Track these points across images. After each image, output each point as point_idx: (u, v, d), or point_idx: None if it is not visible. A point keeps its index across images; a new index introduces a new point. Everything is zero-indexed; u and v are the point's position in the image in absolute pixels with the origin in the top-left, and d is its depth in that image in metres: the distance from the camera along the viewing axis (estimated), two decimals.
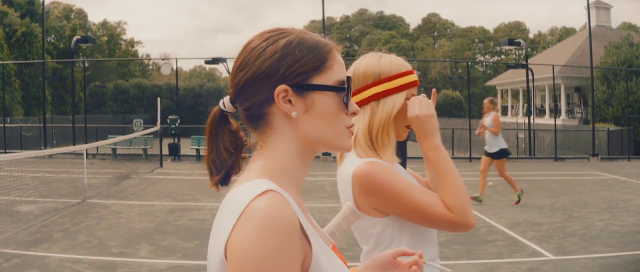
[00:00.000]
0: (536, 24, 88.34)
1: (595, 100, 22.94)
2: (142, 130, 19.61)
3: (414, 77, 1.66)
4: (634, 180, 13.45)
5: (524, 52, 24.20)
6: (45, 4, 23.04)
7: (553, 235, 7.44)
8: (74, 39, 20.87)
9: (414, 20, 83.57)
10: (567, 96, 31.85)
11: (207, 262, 0.93)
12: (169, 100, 30.90)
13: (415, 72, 1.70)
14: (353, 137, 1.62)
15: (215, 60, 20.22)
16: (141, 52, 58.51)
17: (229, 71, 1.21)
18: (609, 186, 12.38)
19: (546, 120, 28.63)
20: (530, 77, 21.87)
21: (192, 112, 32.24)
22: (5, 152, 14.66)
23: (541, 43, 53.63)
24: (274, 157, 0.97)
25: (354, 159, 1.60)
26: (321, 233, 1.01)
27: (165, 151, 17.07)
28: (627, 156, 20.15)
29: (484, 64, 55.42)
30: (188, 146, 18.77)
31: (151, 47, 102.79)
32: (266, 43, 0.97)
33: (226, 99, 1.00)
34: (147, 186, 12.05)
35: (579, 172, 15.52)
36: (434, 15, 59.37)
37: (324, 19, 20.05)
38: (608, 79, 26.23)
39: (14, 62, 31.19)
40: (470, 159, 18.23)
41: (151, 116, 26.48)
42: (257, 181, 0.90)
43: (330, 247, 1.00)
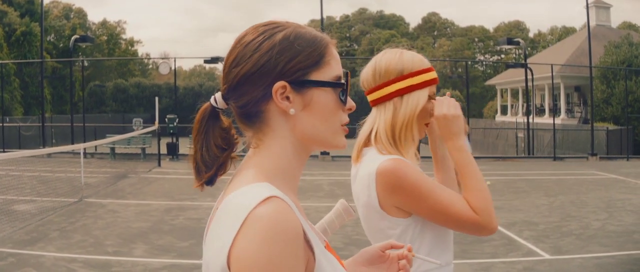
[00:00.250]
0: (536, 23, 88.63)
1: (594, 99, 22.95)
2: (141, 130, 19.61)
3: (435, 74, 1.61)
4: (632, 179, 13.44)
5: (524, 51, 24.19)
6: (45, 3, 23.07)
7: (549, 234, 7.43)
8: (72, 39, 20.88)
9: (413, 20, 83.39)
10: (567, 96, 31.83)
11: (203, 268, 0.89)
12: (169, 100, 30.92)
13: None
14: (374, 134, 1.59)
15: (215, 60, 20.24)
16: (141, 51, 58.67)
17: None
18: (607, 186, 12.37)
19: (545, 119, 28.62)
20: (530, 76, 21.86)
21: (192, 111, 30.98)
22: (4, 152, 14.64)
23: (541, 42, 53.59)
24: (271, 157, 0.94)
25: (375, 156, 1.54)
26: (315, 232, 0.99)
27: (163, 150, 17.07)
28: (626, 156, 20.16)
29: (484, 63, 55.46)
30: (186, 145, 18.76)
31: (151, 46, 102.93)
32: (262, 37, 0.93)
33: (218, 95, 0.96)
34: (145, 185, 12.05)
35: (577, 171, 15.51)
36: (434, 14, 59.39)
37: (322, 19, 20.04)
38: (607, 79, 26.22)
39: (13, 61, 31.22)
40: None
41: (151, 115, 26.44)
42: (258, 185, 0.87)
43: (324, 245, 0.98)
